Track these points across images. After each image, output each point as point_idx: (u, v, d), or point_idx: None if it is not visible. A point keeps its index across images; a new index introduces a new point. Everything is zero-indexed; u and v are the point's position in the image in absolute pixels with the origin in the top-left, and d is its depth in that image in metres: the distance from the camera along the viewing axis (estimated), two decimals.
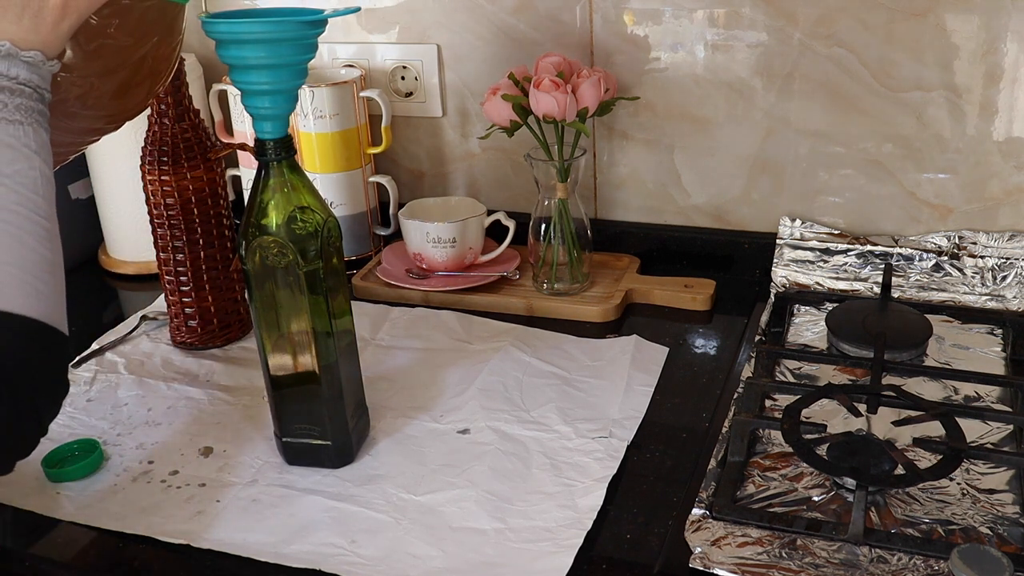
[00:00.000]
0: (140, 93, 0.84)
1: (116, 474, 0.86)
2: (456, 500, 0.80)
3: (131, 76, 0.81)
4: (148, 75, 0.83)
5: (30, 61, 0.62)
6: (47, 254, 0.62)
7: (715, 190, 1.18)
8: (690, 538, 0.72)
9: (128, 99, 0.84)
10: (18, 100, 0.61)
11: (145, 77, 0.83)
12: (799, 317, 1.07)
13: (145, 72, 0.82)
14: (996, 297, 1.05)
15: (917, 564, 0.68)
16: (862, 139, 1.09)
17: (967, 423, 0.82)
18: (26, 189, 0.61)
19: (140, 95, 0.84)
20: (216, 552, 0.75)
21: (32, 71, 0.62)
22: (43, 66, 0.63)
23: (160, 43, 0.81)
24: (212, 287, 1.05)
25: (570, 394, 0.94)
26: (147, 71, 0.82)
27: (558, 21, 1.16)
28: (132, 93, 0.83)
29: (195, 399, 0.97)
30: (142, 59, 0.80)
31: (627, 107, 1.17)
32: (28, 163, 0.61)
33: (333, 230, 0.81)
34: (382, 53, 1.27)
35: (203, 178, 1.02)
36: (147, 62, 0.81)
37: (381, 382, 0.98)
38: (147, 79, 0.83)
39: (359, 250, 1.27)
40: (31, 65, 0.62)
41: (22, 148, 0.61)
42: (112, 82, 0.79)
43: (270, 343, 0.82)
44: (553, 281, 1.13)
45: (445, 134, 1.29)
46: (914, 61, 1.04)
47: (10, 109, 0.60)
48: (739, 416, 0.84)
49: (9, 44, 0.60)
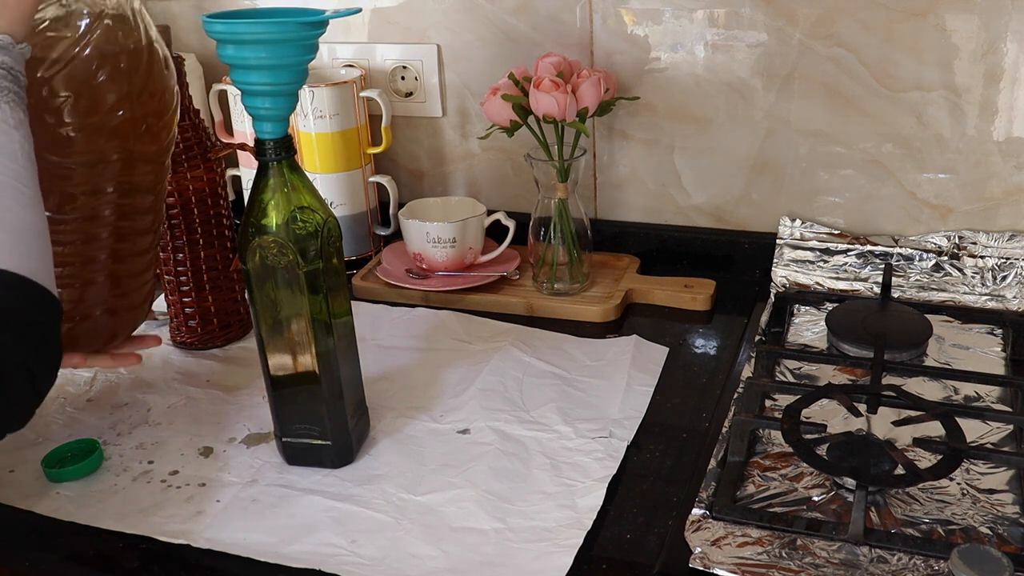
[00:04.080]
0: (157, 128, 0.85)
1: (116, 474, 0.86)
2: (456, 500, 0.80)
3: (134, 126, 0.82)
4: (150, 114, 0.83)
5: (2, 44, 0.65)
6: (32, 219, 0.65)
7: (715, 190, 1.18)
8: (690, 538, 0.72)
9: (160, 133, 0.85)
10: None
11: (148, 116, 0.83)
12: (799, 317, 1.07)
13: (144, 115, 0.83)
14: (996, 297, 1.05)
15: (917, 564, 0.68)
16: (862, 139, 1.09)
17: (967, 423, 0.82)
18: (7, 159, 0.64)
19: (160, 128, 0.85)
20: (216, 552, 0.75)
21: (5, 53, 0.65)
22: (12, 48, 0.66)
23: (136, 98, 0.81)
24: (212, 287, 1.05)
25: (570, 394, 0.94)
26: (143, 116, 0.83)
27: (558, 21, 1.16)
28: (153, 132, 0.85)
29: (195, 399, 0.97)
30: (132, 118, 0.82)
31: (627, 107, 1.17)
32: (7, 136, 0.64)
33: (333, 230, 0.81)
34: (382, 53, 1.27)
35: (203, 178, 1.02)
36: (139, 112, 0.82)
37: (381, 382, 0.98)
38: (150, 118, 0.84)
39: (359, 250, 1.27)
40: (3, 48, 0.65)
41: (1, 124, 0.64)
42: (127, 144, 0.82)
43: (270, 343, 0.82)
44: (553, 281, 1.13)
45: (445, 134, 1.29)
46: (914, 61, 1.04)
47: None
48: (739, 416, 0.84)
49: None
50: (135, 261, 0.88)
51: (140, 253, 0.89)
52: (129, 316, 0.91)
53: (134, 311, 0.92)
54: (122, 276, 0.88)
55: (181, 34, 1.36)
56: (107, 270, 0.86)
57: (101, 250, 0.84)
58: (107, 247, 0.85)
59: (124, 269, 0.87)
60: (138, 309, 0.92)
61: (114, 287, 0.87)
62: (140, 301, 0.92)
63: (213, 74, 1.34)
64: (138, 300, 0.91)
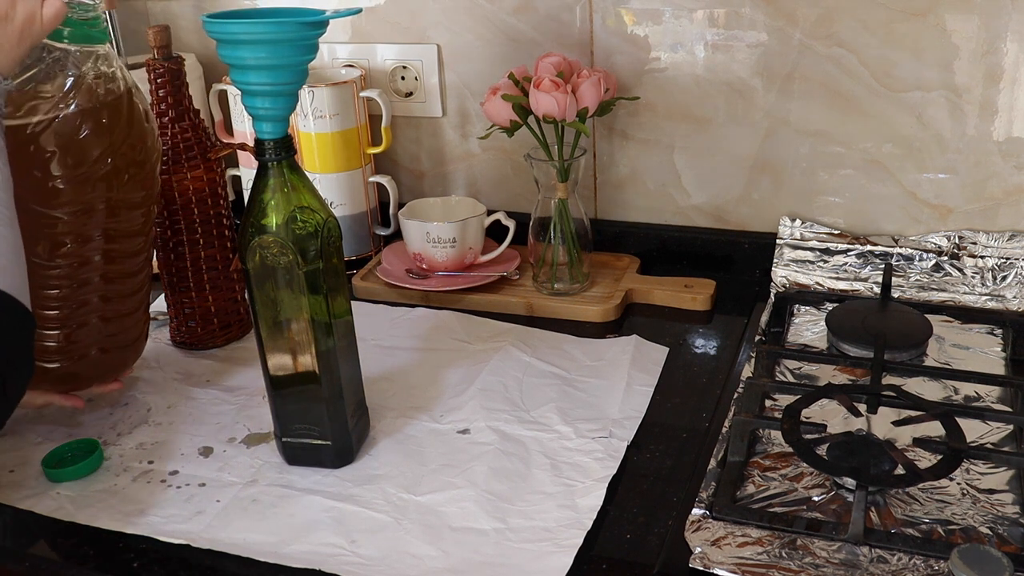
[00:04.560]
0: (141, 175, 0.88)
1: (116, 474, 0.86)
2: (456, 500, 0.80)
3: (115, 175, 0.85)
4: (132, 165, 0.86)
5: None
6: (10, 237, 0.68)
7: (715, 190, 1.18)
8: (690, 538, 0.72)
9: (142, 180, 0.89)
10: None
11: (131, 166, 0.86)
12: (799, 317, 1.07)
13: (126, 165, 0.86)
14: (996, 297, 1.05)
15: (917, 564, 0.68)
16: (862, 139, 1.09)
17: (967, 423, 0.82)
18: None
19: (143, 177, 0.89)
20: (216, 552, 0.75)
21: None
22: (0, 84, 0.71)
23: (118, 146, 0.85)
24: (212, 287, 1.05)
25: (570, 394, 0.94)
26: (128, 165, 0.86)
27: (558, 21, 1.16)
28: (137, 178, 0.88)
29: (195, 399, 0.97)
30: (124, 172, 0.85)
31: (627, 107, 1.17)
32: None
33: (333, 230, 0.81)
34: (382, 53, 1.27)
35: (203, 178, 1.02)
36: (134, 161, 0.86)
37: (381, 382, 0.98)
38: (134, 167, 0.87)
39: (359, 250, 1.27)
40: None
41: None
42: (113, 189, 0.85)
43: (270, 343, 0.82)
44: (553, 281, 1.13)
45: (445, 134, 1.29)
46: (914, 61, 1.04)
47: None
48: (739, 416, 0.84)
49: None
50: (126, 302, 0.92)
51: (130, 294, 0.92)
52: (122, 354, 0.94)
53: (128, 349, 0.94)
54: (113, 317, 0.91)
55: (181, 34, 1.36)
56: (99, 312, 0.89)
57: (92, 293, 0.88)
58: (98, 290, 0.88)
59: (115, 310, 0.91)
60: (132, 347, 0.95)
61: (107, 327, 0.90)
62: (134, 338, 0.95)
63: (213, 74, 1.34)
64: (131, 338, 0.94)
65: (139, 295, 0.93)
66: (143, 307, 0.95)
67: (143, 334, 0.97)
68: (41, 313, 0.85)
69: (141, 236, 0.91)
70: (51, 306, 0.85)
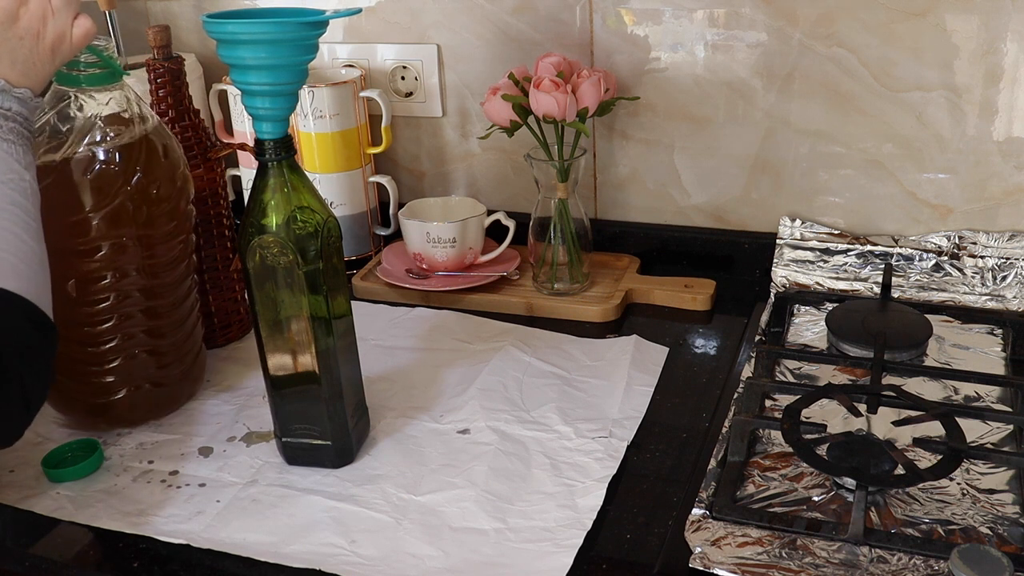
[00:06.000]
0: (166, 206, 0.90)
1: (116, 474, 0.86)
2: (456, 500, 0.80)
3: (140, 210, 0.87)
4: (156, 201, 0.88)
5: (21, 97, 0.72)
6: (36, 248, 0.70)
7: (715, 190, 1.18)
8: (690, 538, 0.72)
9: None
10: (10, 125, 0.71)
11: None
12: (799, 317, 1.07)
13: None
14: (996, 297, 1.05)
15: (917, 564, 0.68)
16: (862, 139, 1.09)
17: (967, 423, 0.82)
18: (17, 192, 0.70)
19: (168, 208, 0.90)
20: (216, 552, 0.75)
21: (22, 105, 0.72)
22: (31, 101, 0.73)
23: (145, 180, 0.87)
24: (212, 287, 1.05)
25: (570, 394, 0.94)
26: None
27: (558, 21, 1.16)
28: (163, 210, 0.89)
29: (195, 399, 0.97)
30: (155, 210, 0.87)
31: (627, 107, 1.17)
32: (18, 173, 0.71)
33: (333, 230, 0.81)
34: (382, 53, 1.27)
35: (203, 178, 1.02)
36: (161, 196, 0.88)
37: (381, 382, 0.98)
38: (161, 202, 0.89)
39: (359, 250, 1.27)
40: (21, 100, 0.72)
41: (13, 162, 0.71)
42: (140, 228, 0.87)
43: (270, 343, 0.82)
44: (553, 281, 1.13)
45: (445, 134, 1.29)
46: (914, 61, 1.04)
47: (4, 131, 0.71)
48: (739, 416, 0.84)
49: (4, 82, 0.71)
50: (173, 334, 0.92)
51: (176, 325, 0.93)
52: (177, 388, 0.94)
53: (183, 382, 0.95)
54: (163, 351, 0.92)
55: (181, 34, 1.36)
56: (148, 346, 0.90)
57: (137, 327, 0.89)
58: (142, 324, 0.89)
59: (163, 345, 0.91)
60: (187, 378, 0.95)
61: (157, 360, 0.91)
62: (186, 369, 0.95)
63: (213, 74, 1.34)
64: (183, 369, 0.94)
65: (187, 324, 0.94)
66: (192, 338, 0.95)
67: (200, 365, 0.97)
68: (92, 351, 0.88)
69: (182, 262, 0.92)
70: (97, 341, 0.88)
